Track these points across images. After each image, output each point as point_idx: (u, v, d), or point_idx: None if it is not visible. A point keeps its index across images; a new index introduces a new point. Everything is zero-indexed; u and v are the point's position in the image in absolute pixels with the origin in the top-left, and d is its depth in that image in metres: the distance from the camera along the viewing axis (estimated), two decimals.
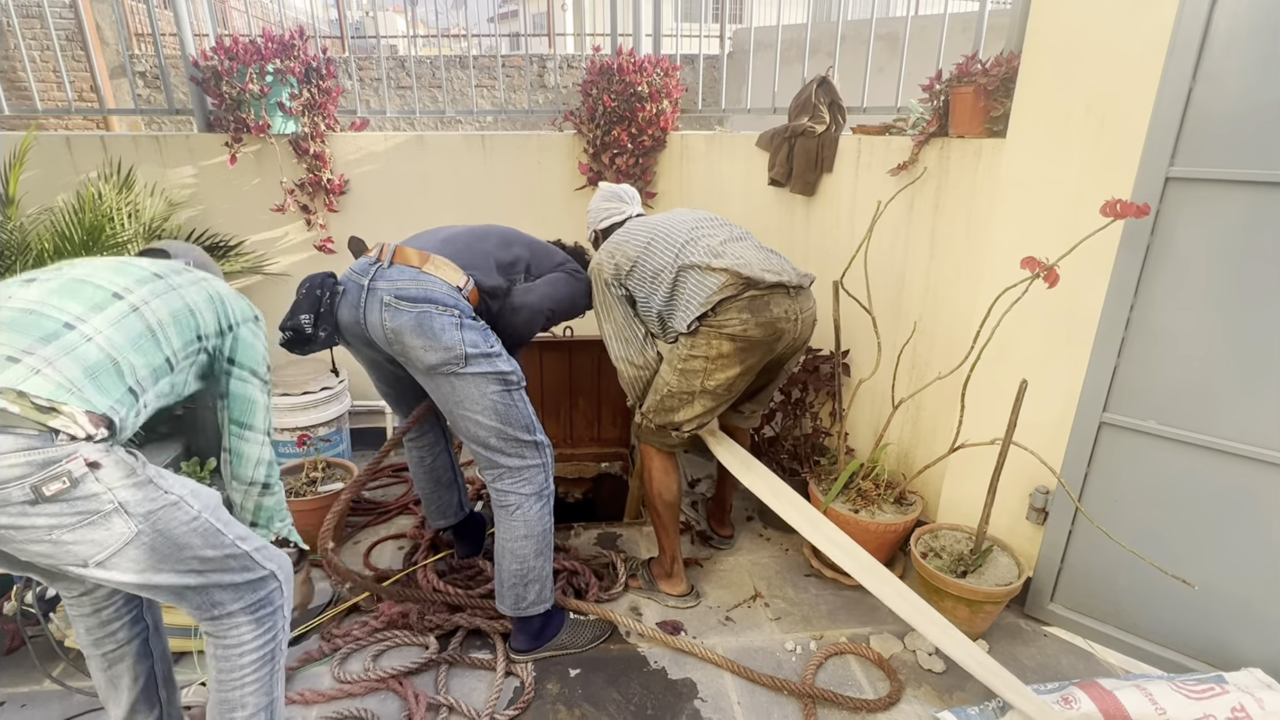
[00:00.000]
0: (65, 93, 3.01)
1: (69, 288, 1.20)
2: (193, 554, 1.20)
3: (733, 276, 1.90)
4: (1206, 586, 1.80)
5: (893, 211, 2.28)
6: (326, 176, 2.90)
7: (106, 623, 1.41)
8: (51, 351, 1.10)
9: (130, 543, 1.12)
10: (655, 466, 2.12)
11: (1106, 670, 1.93)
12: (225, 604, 1.27)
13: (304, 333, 1.70)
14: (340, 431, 2.89)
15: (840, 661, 1.96)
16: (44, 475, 1.03)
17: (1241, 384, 1.67)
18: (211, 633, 1.29)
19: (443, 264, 1.74)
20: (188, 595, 1.23)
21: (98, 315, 1.18)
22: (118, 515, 1.11)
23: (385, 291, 1.69)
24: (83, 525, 1.08)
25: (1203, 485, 1.77)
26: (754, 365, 2.00)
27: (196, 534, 1.20)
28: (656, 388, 2.05)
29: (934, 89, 2.18)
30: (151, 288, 1.29)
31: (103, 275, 1.25)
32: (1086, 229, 1.68)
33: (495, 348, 1.75)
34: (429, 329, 1.66)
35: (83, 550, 1.09)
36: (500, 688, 1.82)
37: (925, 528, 2.16)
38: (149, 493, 1.15)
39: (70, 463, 1.05)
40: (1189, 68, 1.59)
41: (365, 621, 2.02)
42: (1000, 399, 1.90)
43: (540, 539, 1.85)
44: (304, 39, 2.80)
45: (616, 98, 2.85)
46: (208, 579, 1.23)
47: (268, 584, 1.31)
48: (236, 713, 1.32)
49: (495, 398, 1.74)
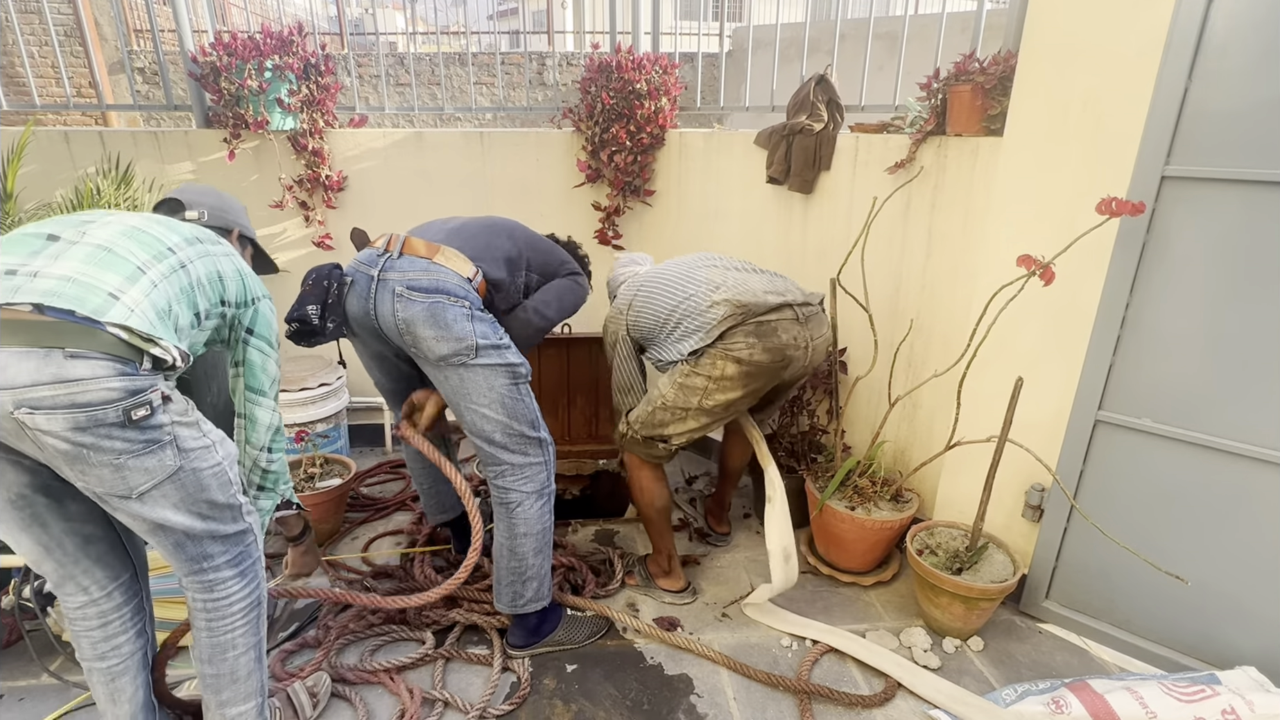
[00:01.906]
0: (64, 88, 3.01)
1: (131, 234, 1.30)
2: (206, 497, 1.31)
3: (733, 307, 1.89)
4: (1201, 584, 1.81)
5: (890, 209, 2.28)
6: (325, 173, 2.90)
7: (113, 635, 1.43)
8: (137, 294, 1.21)
9: (171, 476, 1.24)
10: (644, 476, 2.10)
11: (1100, 667, 1.94)
12: (214, 556, 1.36)
13: (310, 324, 1.69)
14: (339, 427, 2.90)
15: (836, 658, 1.97)
16: (134, 401, 1.15)
17: (1236, 382, 1.68)
18: (200, 589, 1.37)
19: (453, 255, 1.74)
20: (186, 545, 1.32)
21: (158, 265, 1.29)
22: (171, 448, 1.23)
23: (397, 282, 1.68)
24: (144, 453, 1.19)
25: (1197, 483, 1.78)
26: (757, 390, 1.98)
27: (214, 478, 1.31)
28: (649, 399, 2.03)
29: (932, 87, 2.19)
30: (195, 249, 1.40)
31: (156, 229, 1.36)
32: (1082, 227, 1.68)
33: (504, 340, 1.75)
34: (442, 319, 1.65)
35: (134, 479, 1.20)
36: (496, 683, 1.82)
37: (921, 525, 2.17)
38: (193, 432, 1.28)
39: (152, 393, 1.18)
40: (1185, 67, 1.59)
41: (362, 615, 2.03)
42: (996, 396, 1.90)
43: (539, 537, 1.85)
44: (303, 35, 2.80)
45: (615, 95, 2.85)
46: (209, 525, 1.33)
47: (247, 537, 1.42)
48: (229, 652, 1.42)
49: (503, 390, 1.74)
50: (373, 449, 3.26)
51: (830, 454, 2.48)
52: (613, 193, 3.02)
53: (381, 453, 3.24)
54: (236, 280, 1.48)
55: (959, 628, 2.00)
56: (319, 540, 2.44)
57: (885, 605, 2.20)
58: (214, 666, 1.42)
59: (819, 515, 2.26)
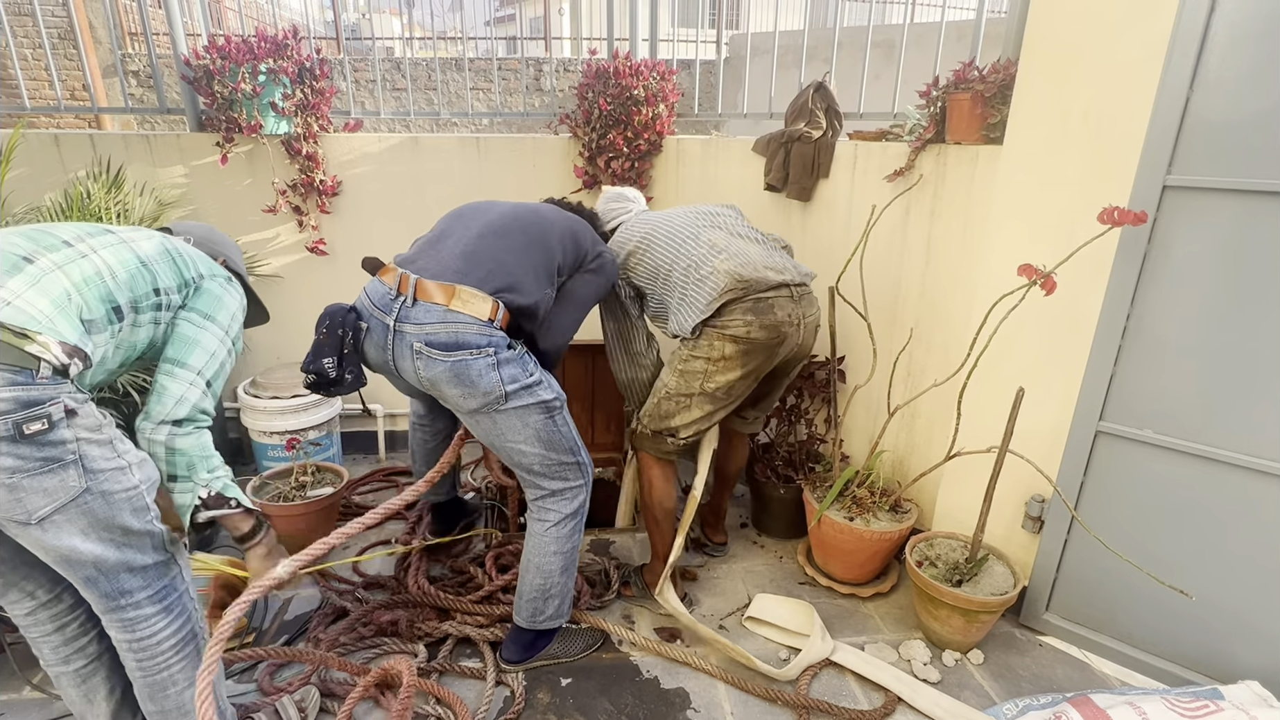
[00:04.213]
0: (56, 91, 2.98)
1: (23, 233, 1.22)
2: (119, 523, 1.20)
3: (733, 280, 1.89)
4: (1203, 597, 1.79)
5: (889, 217, 2.27)
6: (319, 177, 2.87)
7: (72, 639, 1.37)
8: (17, 284, 1.10)
9: (74, 500, 1.13)
10: (655, 475, 2.10)
11: (1102, 681, 1.92)
12: (133, 592, 1.26)
13: (328, 377, 1.61)
14: (330, 435, 2.86)
15: (834, 671, 1.94)
16: (27, 414, 1.05)
17: (1239, 393, 1.67)
18: (121, 627, 1.28)
19: (469, 296, 1.60)
20: (98, 580, 1.22)
21: (49, 255, 1.19)
22: (75, 467, 1.12)
23: (414, 337, 1.59)
24: (42, 472, 1.09)
25: (1200, 495, 1.76)
26: (755, 369, 1.98)
27: (128, 503, 1.20)
28: (655, 390, 2.05)
29: (931, 95, 2.18)
30: (102, 239, 1.28)
31: (57, 228, 1.27)
32: (1083, 236, 1.67)
33: (534, 374, 1.68)
34: (465, 377, 1.59)
35: (31, 501, 1.09)
36: (490, 697, 1.79)
37: (920, 536, 2.14)
38: (105, 451, 1.17)
39: (52, 405, 1.08)
40: (1187, 76, 1.58)
41: (353, 627, 1.99)
42: (996, 407, 1.89)
43: (568, 556, 1.84)
44: (298, 39, 2.77)
45: (612, 101, 2.84)
46: (123, 554, 1.22)
47: (170, 569, 1.31)
48: (169, 689, 1.33)
49: (538, 426, 1.71)
50: (366, 456, 3.23)
51: (828, 464, 2.46)
52: None
53: (375, 460, 3.20)
54: (167, 262, 1.33)
55: (959, 640, 1.98)
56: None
57: (884, 617, 2.17)
58: (157, 704, 1.34)
59: (817, 526, 2.23)
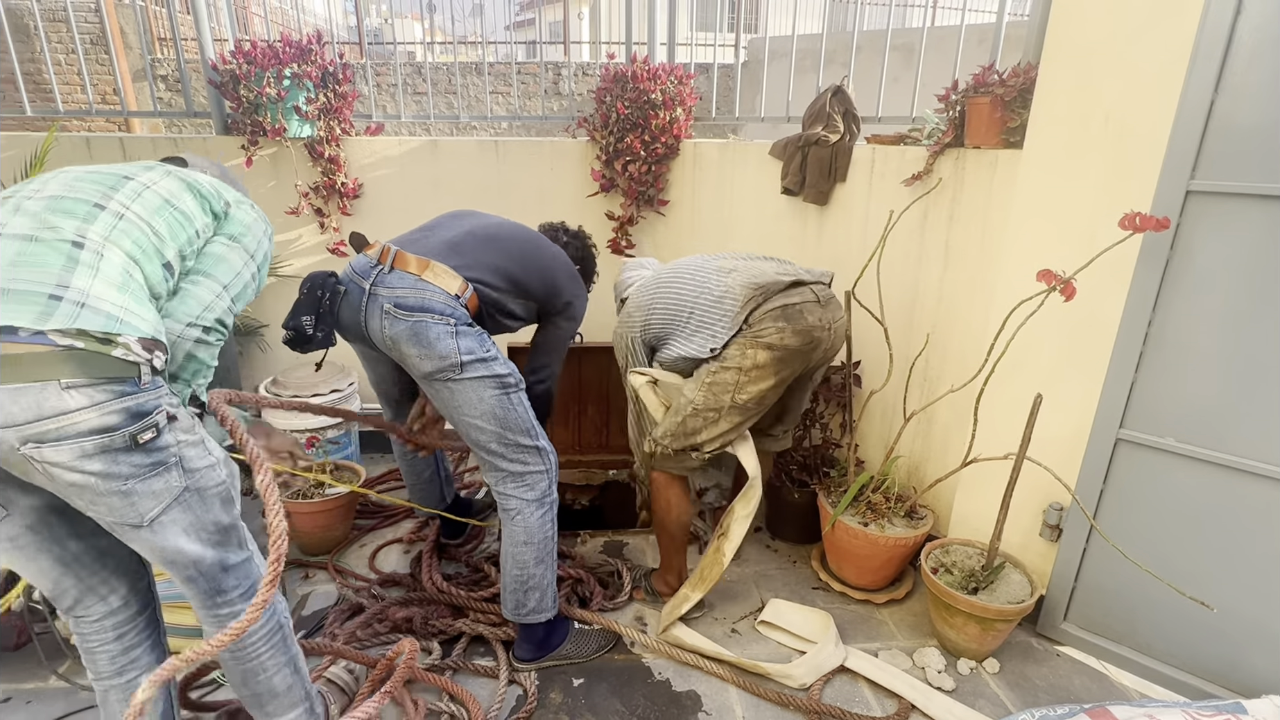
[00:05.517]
0: (87, 95, 3.06)
1: (55, 207, 1.13)
2: (214, 519, 1.25)
3: (749, 290, 1.89)
4: (1225, 609, 1.76)
5: (906, 222, 2.26)
6: (341, 180, 2.92)
7: (130, 647, 1.40)
8: (81, 280, 1.06)
9: (177, 499, 1.18)
10: (674, 494, 2.08)
11: (1121, 692, 1.89)
12: (228, 591, 1.30)
13: (304, 333, 1.73)
14: (349, 434, 2.90)
15: (848, 677, 1.93)
16: (140, 425, 1.09)
17: (1263, 402, 1.64)
18: (217, 623, 1.32)
19: (442, 271, 1.74)
20: (198, 580, 1.26)
21: (92, 227, 1.12)
22: (176, 469, 1.17)
23: (385, 299, 1.70)
24: (150, 475, 1.13)
25: (1222, 504, 1.73)
26: (788, 377, 1.97)
27: (218, 497, 1.25)
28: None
29: (950, 99, 2.16)
30: (126, 191, 1.21)
31: (82, 187, 1.19)
32: (1104, 242, 1.65)
33: (491, 351, 1.76)
34: (424, 337, 1.67)
35: (144, 505, 1.14)
36: (503, 696, 1.80)
37: (936, 543, 2.13)
38: (199, 451, 1.21)
39: (158, 414, 1.12)
40: (1211, 79, 1.56)
41: (369, 623, 2.01)
42: (1014, 413, 1.87)
43: (540, 546, 1.85)
44: (321, 44, 2.82)
45: (630, 105, 2.85)
46: (219, 553, 1.27)
47: (252, 567, 1.35)
48: (260, 675, 1.38)
49: (493, 401, 1.75)
50: (384, 455, 3.26)
51: (843, 469, 2.45)
52: (626, 202, 3.02)
53: (392, 460, 3.23)
54: (195, 197, 1.29)
55: (974, 649, 1.96)
56: (327, 548, 2.44)
57: (898, 624, 2.16)
58: (249, 688, 1.40)
59: (831, 531, 2.22)
